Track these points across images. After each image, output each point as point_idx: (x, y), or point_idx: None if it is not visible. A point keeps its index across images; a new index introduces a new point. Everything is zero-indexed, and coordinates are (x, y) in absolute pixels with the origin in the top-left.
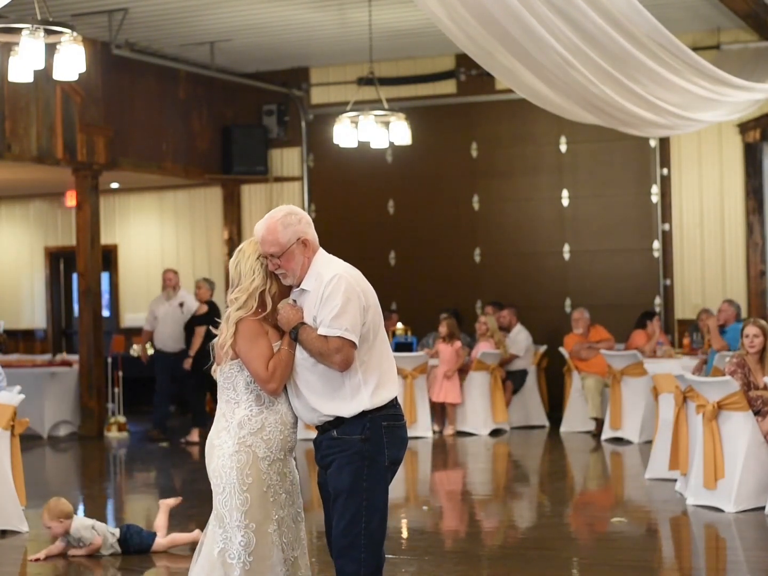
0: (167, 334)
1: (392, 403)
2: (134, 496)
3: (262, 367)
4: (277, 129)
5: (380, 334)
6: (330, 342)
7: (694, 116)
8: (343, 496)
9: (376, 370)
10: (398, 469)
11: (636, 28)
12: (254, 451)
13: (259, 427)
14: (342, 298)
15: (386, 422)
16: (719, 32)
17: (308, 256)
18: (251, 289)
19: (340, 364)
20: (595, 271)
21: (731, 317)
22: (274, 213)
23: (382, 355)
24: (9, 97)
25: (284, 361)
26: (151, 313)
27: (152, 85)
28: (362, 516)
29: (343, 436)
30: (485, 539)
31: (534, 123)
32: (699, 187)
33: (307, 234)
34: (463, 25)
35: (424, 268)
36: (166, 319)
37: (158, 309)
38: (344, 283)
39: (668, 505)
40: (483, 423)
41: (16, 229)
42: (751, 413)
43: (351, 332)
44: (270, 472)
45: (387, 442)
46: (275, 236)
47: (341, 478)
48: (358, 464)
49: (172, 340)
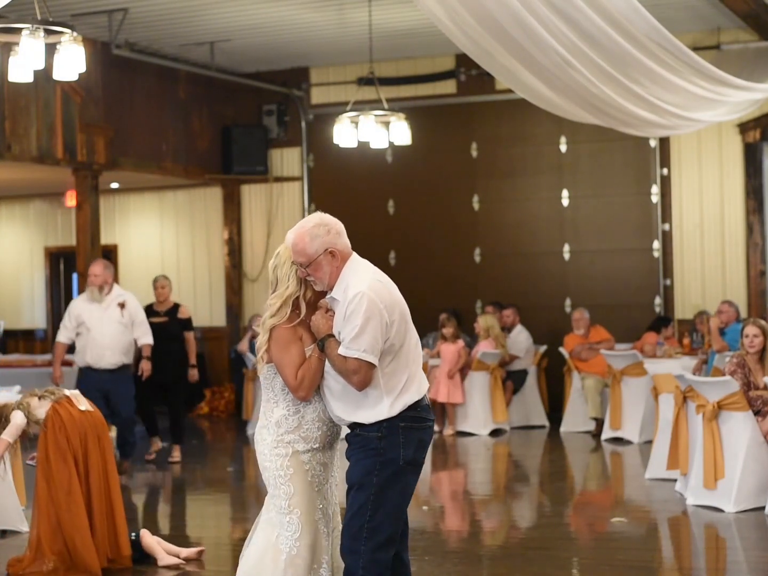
0: (104, 345)
1: (414, 405)
2: (134, 496)
3: (292, 376)
4: (277, 129)
5: (407, 341)
6: (348, 363)
7: (694, 116)
8: (353, 489)
9: (401, 377)
10: (419, 470)
11: (635, 28)
12: (293, 446)
13: (296, 425)
14: (362, 318)
15: (404, 423)
16: (719, 32)
17: (337, 265)
18: (285, 297)
19: (357, 384)
20: (595, 271)
21: (731, 318)
22: (305, 222)
23: (408, 360)
24: (9, 97)
25: (313, 369)
26: (72, 319)
27: (152, 85)
28: (367, 509)
29: (363, 433)
30: (485, 539)
31: (534, 123)
32: (699, 187)
33: (335, 245)
34: (462, 25)
35: (424, 268)
36: (101, 327)
37: (84, 314)
38: (366, 302)
39: (668, 505)
40: (483, 423)
41: (16, 229)
42: (751, 413)
43: (369, 353)
44: (312, 462)
45: (403, 442)
46: (303, 247)
47: (354, 472)
48: (372, 460)
49: (112, 353)
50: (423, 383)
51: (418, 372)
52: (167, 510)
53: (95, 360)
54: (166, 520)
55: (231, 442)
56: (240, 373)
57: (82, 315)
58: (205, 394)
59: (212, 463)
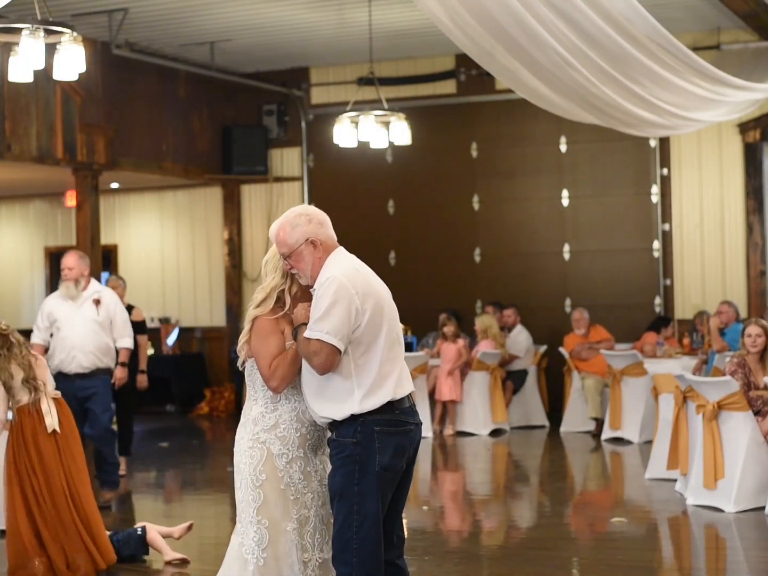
0: (74, 345)
1: (390, 408)
2: (134, 496)
3: (266, 366)
4: (277, 129)
5: (382, 337)
6: (311, 344)
7: (694, 116)
8: (336, 499)
9: (372, 373)
10: (397, 477)
11: (635, 28)
12: (268, 447)
13: (272, 424)
14: (329, 300)
15: (379, 427)
16: (719, 32)
17: (319, 256)
18: (269, 289)
19: (317, 367)
20: (595, 271)
21: (731, 318)
22: (288, 213)
23: (382, 358)
24: (9, 97)
25: (288, 360)
26: (45, 317)
27: (152, 85)
28: (353, 521)
29: (339, 438)
30: (485, 539)
31: (534, 123)
32: (699, 187)
33: (317, 235)
34: (463, 26)
35: (424, 268)
36: (73, 325)
37: (56, 311)
38: (335, 285)
39: (668, 505)
40: (483, 423)
41: (16, 229)
42: (751, 413)
43: (332, 336)
44: (289, 470)
45: (378, 447)
46: (284, 237)
47: (334, 480)
48: (350, 468)
49: (83, 354)
50: (404, 384)
51: (396, 370)
52: (167, 510)
53: (65, 363)
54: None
55: (231, 442)
56: (240, 373)
57: (54, 313)
58: (206, 394)
59: (212, 463)
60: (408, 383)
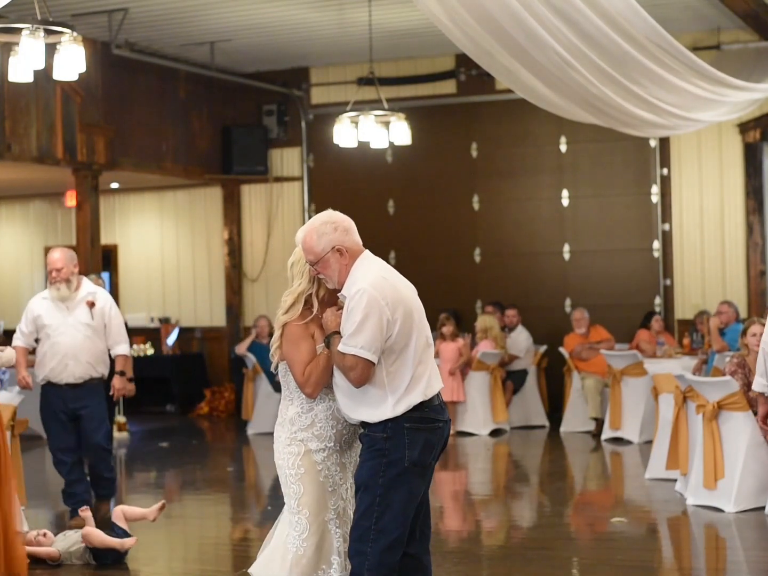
0: (66, 353)
1: (420, 406)
2: (134, 496)
3: (299, 372)
4: (277, 129)
5: (413, 340)
6: (346, 359)
7: (694, 116)
8: (360, 490)
9: (404, 379)
10: (426, 472)
11: (635, 29)
12: (306, 444)
13: (309, 423)
14: (361, 315)
15: (409, 424)
16: (719, 32)
17: (345, 263)
18: (297, 294)
19: (354, 381)
20: (595, 271)
21: (731, 318)
22: (314, 220)
23: (413, 360)
24: (9, 97)
25: (321, 366)
26: (31, 321)
27: (152, 85)
28: (374, 511)
29: (370, 434)
30: (485, 539)
31: (534, 123)
32: (699, 187)
33: (343, 242)
34: (462, 25)
35: (424, 268)
36: (66, 333)
37: (45, 315)
38: (366, 299)
39: (668, 505)
40: (483, 423)
41: (16, 229)
42: (751, 413)
43: (367, 350)
44: (327, 462)
45: (408, 443)
46: (310, 245)
47: (361, 472)
48: (378, 461)
49: (76, 363)
50: (432, 383)
51: (427, 372)
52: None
53: (56, 372)
54: (166, 521)
55: (231, 442)
56: (240, 373)
57: (43, 317)
58: (206, 394)
59: (212, 463)
60: (437, 382)
